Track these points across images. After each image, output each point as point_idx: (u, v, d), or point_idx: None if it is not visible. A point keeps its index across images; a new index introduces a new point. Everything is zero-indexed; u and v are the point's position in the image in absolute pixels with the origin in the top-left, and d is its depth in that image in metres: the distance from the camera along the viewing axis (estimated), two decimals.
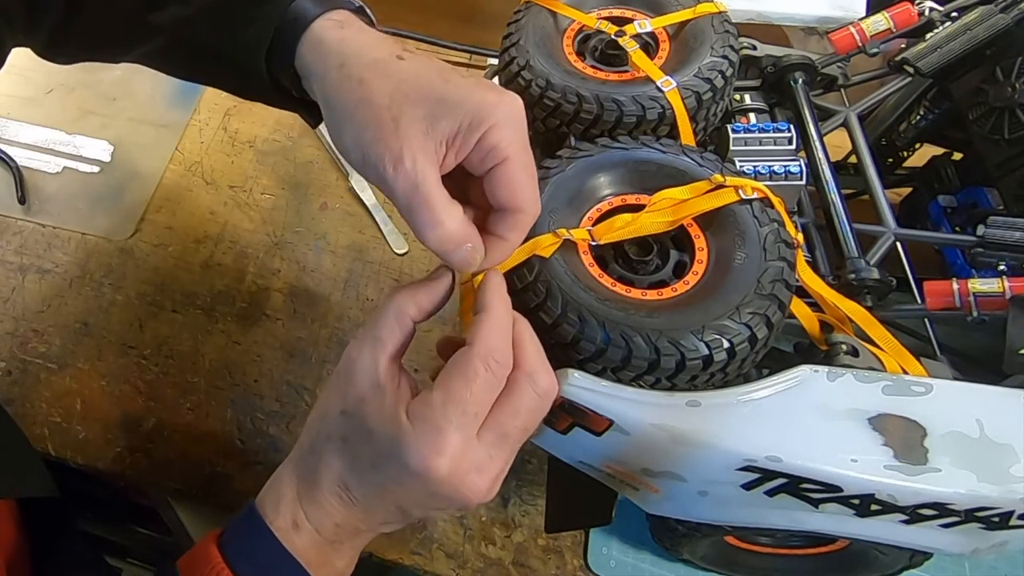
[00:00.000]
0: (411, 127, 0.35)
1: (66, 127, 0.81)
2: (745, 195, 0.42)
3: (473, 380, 0.35)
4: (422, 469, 0.34)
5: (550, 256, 0.41)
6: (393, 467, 0.36)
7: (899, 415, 0.39)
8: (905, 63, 0.55)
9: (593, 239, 0.42)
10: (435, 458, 0.34)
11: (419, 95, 0.36)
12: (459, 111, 0.35)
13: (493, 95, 0.36)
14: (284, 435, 0.63)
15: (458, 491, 0.35)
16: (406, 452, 0.35)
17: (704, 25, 0.52)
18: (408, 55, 0.38)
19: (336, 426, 0.37)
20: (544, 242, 0.41)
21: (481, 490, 0.36)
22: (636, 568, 0.58)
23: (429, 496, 0.36)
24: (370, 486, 0.37)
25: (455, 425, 0.35)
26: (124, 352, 0.67)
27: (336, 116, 0.38)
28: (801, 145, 0.54)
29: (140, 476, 0.61)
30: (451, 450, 0.34)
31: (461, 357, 0.36)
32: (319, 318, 0.69)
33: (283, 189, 0.76)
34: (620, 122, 0.48)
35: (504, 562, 0.58)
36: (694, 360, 0.38)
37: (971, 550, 0.41)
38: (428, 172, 0.35)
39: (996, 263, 0.48)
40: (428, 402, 0.35)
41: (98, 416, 0.63)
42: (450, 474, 0.35)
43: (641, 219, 0.42)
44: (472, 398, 0.35)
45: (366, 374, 0.37)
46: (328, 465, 0.38)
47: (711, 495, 0.42)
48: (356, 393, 0.37)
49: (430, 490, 0.35)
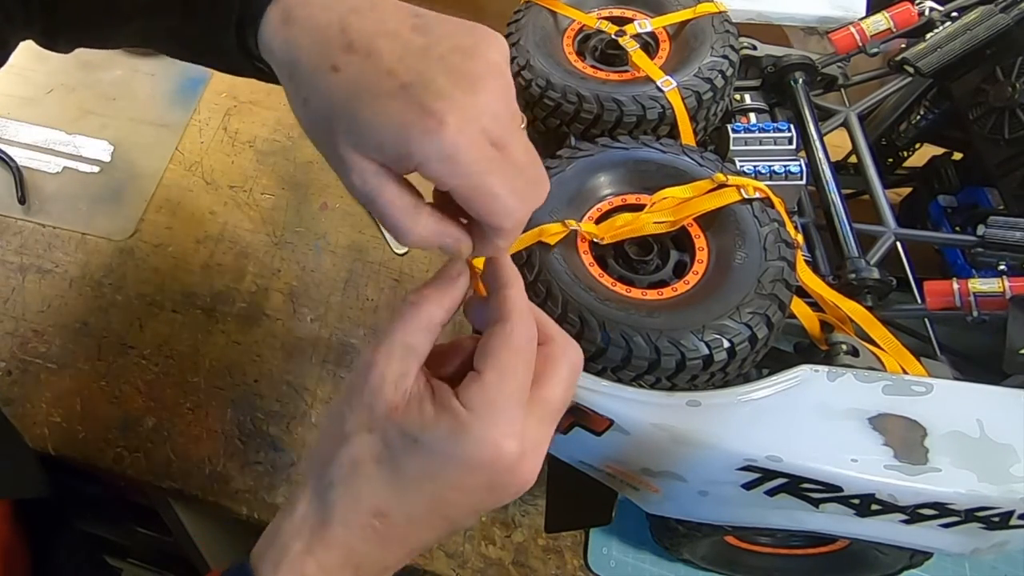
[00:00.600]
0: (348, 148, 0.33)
1: (66, 127, 0.81)
2: (747, 194, 0.42)
3: (521, 349, 0.33)
4: (493, 453, 0.32)
5: (554, 245, 0.41)
6: (455, 467, 0.33)
7: (899, 415, 0.39)
8: (905, 63, 0.55)
9: (597, 236, 0.42)
10: (506, 439, 0.32)
11: (347, 120, 0.33)
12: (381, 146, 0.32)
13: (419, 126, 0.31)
14: (284, 435, 0.63)
15: (520, 476, 0.33)
16: (472, 441, 0.32)
17: (704, 25, 0.52)
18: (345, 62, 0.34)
19: (365, 447, 0.34)
20: (550, 230, 0.41)
21: (536, 470, 0.34)
22: (636, 568, 0.58)
23: (490, 490, 0.34)
24: (418, 504, 0.34)
25: (516, 400, 0.33)
26: (124, 352, 0.67)
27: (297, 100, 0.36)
28: (801, 145, 0.54)
29: (140, 476, 0.61)
30: (518, 428, 0.33)
31: (499, 332, 0.34)
32: (319, 318, 0.69)
33: (283, 189, 0.76)
34: (620, 122, 0.48)
35: (504, 562, 0.58)
36: (694, 360, 0.38)
37: (971, 550, 0.41)
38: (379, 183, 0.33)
39: (996, 263, 0.48)
40: (481, 383, 0.33)
41: (98, 416, 0.63)
42: (518, 456, 0.33)
43: (643, 218, 0.42)
44: (524, 371, 0.34)
45: (396, 386, 0.34)
46: (356, 496, 0.34)
47: (711, 495, 0.42)
48: (385, 405, 0.34)
49: (495, 480, 0.33)
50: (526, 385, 0.34)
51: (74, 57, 0.88)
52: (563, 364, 0.35)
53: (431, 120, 0.31)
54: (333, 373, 0.66)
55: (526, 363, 0.34)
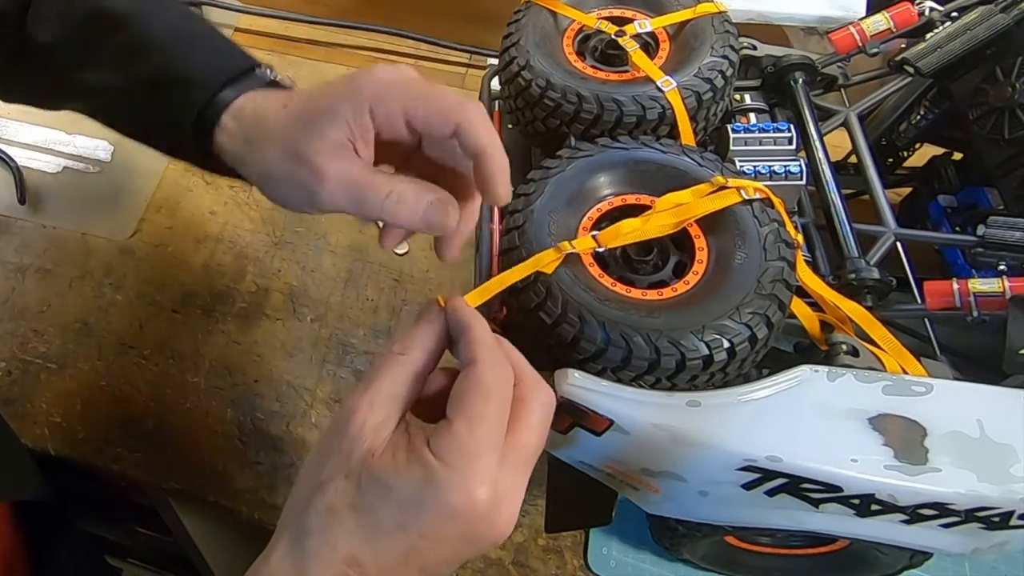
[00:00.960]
0: (311, 149, 0.38)
1: (66, 127, 0.81)
2: (747, 195, 0.42)
3: (490, 395, 0.33)
4: (466, 503, 0.32)
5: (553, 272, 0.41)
6: (427, 516, 0.32)
7: (899, 415, 0.39)
8: (905, 63, 0.55)
9: (600, 245, 0.42)
10: (478, 487, 0.32)
11: (304, 123, 0.39)
12: (335, 109, 0.38)
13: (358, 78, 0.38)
14: (284, 435, 0.63)
15: (495, 525, 0.33)
16: (446, 491, 0.32)
17: (704, 25, 0.52)
18: (293, 99, 0.42)
19: (342, 494, 0.33)
20: (546, 258, 0.41)
21: (512, 518, 0.34)
22: (636, 568, 0.58)
23: (464, 540, 0.33)
24: (392, 553, 0.33)
25: (488, 447, 0.33)
26: (124, 352, 0.67)
27: (262, 183, 0.42)
28: (801, 145, 0.54)
29: (140, 476, 0.61)
30: (490, 476, 0.32)
31: (468, 378, 0.34)
32: (319, 318, 0.69)
33: None
34: (620, 122, 0.48)
35: (504, 562, 0.58)
36: (694, 360, 0.38)
37: (971, 550, 0.41)
38: (353, 166, 0.38)
39: (996, 263, 0.48)
40: (452, 432, 0.33)
41: (98, 416, 0.63)
42: (491, 504, 0.32)
43: (648, 225, 0.42)
44: (495, 416, 0.33)
45: (375, 433, 0.34)
46: (332, 544, 0.33)
47: (711, 495, 0.42)
48: (363, 452, 0.34)
49: (468, 530, 0.33)
50: (499, 430, 0.34)
51: None
52: (536, 407, 0.35)
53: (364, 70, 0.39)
54: (333, 373, 0.66)
55: (498, 406, 0.34)
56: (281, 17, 0.87)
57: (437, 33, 0.85)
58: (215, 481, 0.61)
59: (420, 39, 0.85)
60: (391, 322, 0.47)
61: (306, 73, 0.84)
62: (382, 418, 0.34)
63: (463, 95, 0.83)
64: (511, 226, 0.43)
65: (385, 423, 0.34)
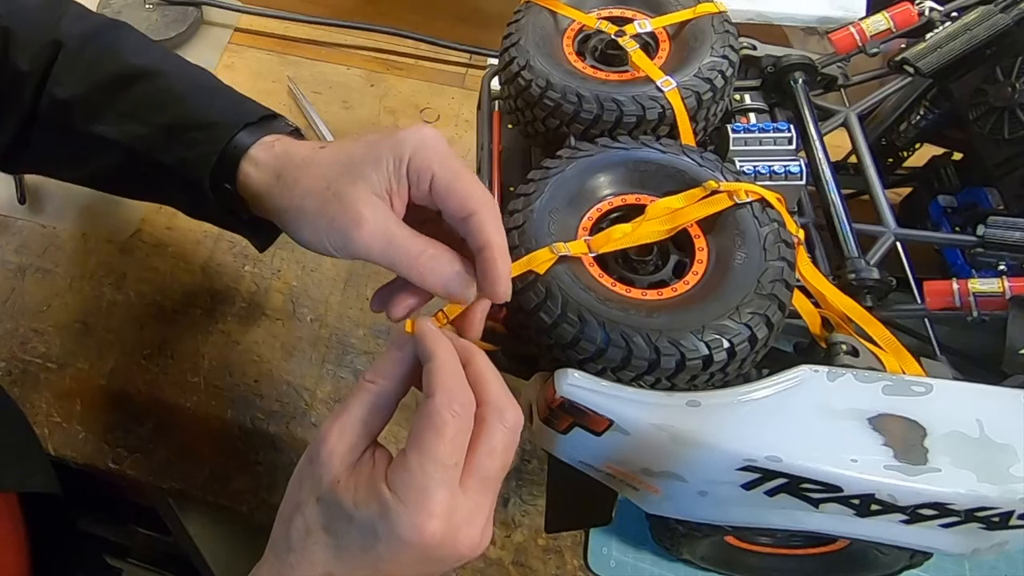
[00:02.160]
0: (353, 193, 0.40)
1: None
2: (739, 199, 0.42)
3: (443, 430, 0.34)
4: (416, 537, 0.34)
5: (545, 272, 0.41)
6: (384, 545, 0.34)
7: (899, 415, 0.39)
8: (905, 63, 0.55)
9: (591, 250, 0.42)
10: (428, 522, 0.34)
11: (346, 166, 0.41)
12: (379, 158, 0.40)
13: (402, 132, 0.40)
14: (284, 435, 0.63)
15: (455, 549, 0.35)
16: (396, 525, 0.34)
17: (704, 25, 0.52)
18: (329, 144, 0.43)
19: (315, 516, 0.36)
20: (540, 258, 0.41)
21: (475, 541, 0.35)
22: (636, 568, 0.58)
23: (426, 562, 0.35)
24: (361, 571, 0.35)
25: (437, 481, 0.34)
26: (124, 352, 0.67)
27: (290, 219, 0.42)
28: (801, 145, 0.54)
29: (140, 476, 0.61)
30: (440, 509, 0.34)
31: (424, 411, 0.35)
32: (319, 318, 0.69)
33: None
34: (620, 122, 0.48)
35: (504, 562, 0.58)
36: (694, 360, 0.38)
37: (971, 550, 0.41)
38: (390, 218, 0.40)
39: (996, 263, 0.48)
40: (405, 466, 0.34)
41: (98, 416, 0.64)
42: (444, 534, 0.34)
43: (639, 231, 0.42)
44: (447, 449, 0.34)
45: (342, 460, 0.36)
46: (311, 561, 0.35)
47: (711, 495, 0.42)
48: (330, 478, 0.36)
49: (427, 555, 0.34)
50: (451, 463, 0.35)
51: None
52: (497, 431, 0.36)
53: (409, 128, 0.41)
54: (333, 373, 0.66)
55: (452, 439, 0.35)
56: (281, 17, 0.87)
57: (437, 33, 0.85)
58: (215, 481, 0.61)
59: (420, 39, 0.85)
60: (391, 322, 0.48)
61: (306, 73, 0.84)
62: (350, 445, 0.36)
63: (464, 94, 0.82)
64: (511, 226, 0.43)
65: (352, 450, 0.36)
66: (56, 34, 0.51)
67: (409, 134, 0.40)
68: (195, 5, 0.87)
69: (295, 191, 0.42)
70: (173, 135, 0.47)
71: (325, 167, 0.41)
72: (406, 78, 0.85)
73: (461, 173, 0.40)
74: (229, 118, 0.46)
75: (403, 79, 0.84)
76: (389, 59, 0.86)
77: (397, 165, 0.40)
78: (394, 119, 0.81)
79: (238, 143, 0.45)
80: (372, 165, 0.40)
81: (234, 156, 0.45)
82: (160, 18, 0.86)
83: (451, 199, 0.40)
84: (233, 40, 0.87)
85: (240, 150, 0.45)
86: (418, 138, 0.40)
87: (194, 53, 0.86)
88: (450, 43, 0.85)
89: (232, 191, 0.46)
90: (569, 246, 0.41)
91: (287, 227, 0.44)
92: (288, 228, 0.43)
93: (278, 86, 0.83)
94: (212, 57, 0.86)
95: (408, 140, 0.40)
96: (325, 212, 0.40)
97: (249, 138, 0.45)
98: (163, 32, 0.85)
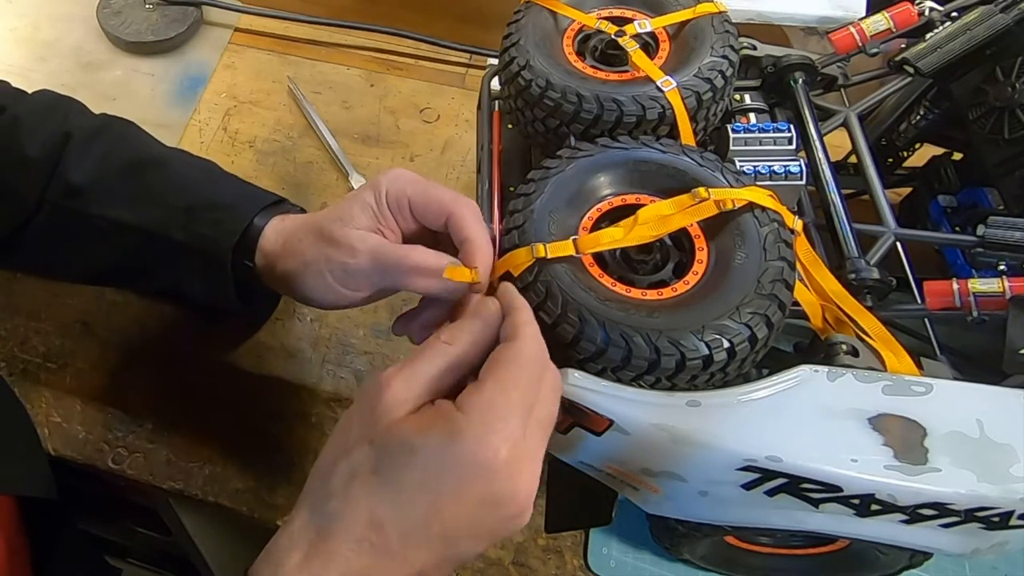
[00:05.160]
0: (343, 230, 0.45)
1: None
2: (725, 208, 0.42)
3: (523, 368, 0.35)
4: (487, 458, 0.33)
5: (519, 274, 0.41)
6: (448, 473, 0.33)
7: (899, 415, 0.39)
8: (905, 63, 0.55)
9: (578, 252, 0.42)
10: (502, 444, 0.33)
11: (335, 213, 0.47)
12: (362, 200, 0.46)
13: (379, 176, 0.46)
14: (284, 435, 0.63)
15: (517, 486, 0.34)
16: (469, 442, 0.33)
17: (704, 25, 0.52)
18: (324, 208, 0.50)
19: (364, 459, 0.35)
20: (518, 258, 0.41)
21: (531, 486, 0.35)
22: (636, 568, 0.58)
23: (484, 503, 0.34)
24: (412, 516, 0.34)
25: (516, 411, 0.34)
26: (124, 352, 0.67)
27: (295, 277, 0.48)
28: (801, 145, 0.54)
29: (140, 476, 0.61)
30: (515, 436, 0.33)
31: (509, 349, 0.36)
32: (319, 318, 0.69)
33: (283, 189, 0.76)
34: (620, 122, 0.48)
35: (504, 562, 0.58)
36: (694, 360, 0.38)
37: (971, 550, 0.41)
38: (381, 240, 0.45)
39: (996, 263, 0.48)
40: (481, 391, 0.34)
41: (98, 416, 0.63)
42: (513, 462, 0.33)
43: (629, 236, 0.42)
44: (525, 385, 0.35)
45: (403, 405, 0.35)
46: (355, 507, 0.34)
47: (711, 495, 0.42)
48: (389, 419, 0.35)
49: (490, 490, 0.34)
50: (528, 399, 0.35)
51: (74, 57, 0.89)
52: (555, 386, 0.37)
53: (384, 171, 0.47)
54: (333, 373, 0.66)
55: (530, 378, 0.35)
56: (281, 17, 0.87)
57: (437, 33, 0.85)
58: (215, 481, 0.61)
59: (420, 39, 0.85)
60: (391, 322, 0.48)
61: (306, 73, 0.84)
62: (416, 395, 0.36)
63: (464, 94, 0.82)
64: (511, 226, 0.43)
65: (417, 400, 0.36)
66: (66, 126, 0.55)
67: (383, 175, 0.46)
68: (195, 5, 0.87)
69: (297, 251, 0.48)
70: (193, 216, 0.52)
71: (319, 221, 0.47)
72: (406, 78, 0.85)
73: (431, 186, 0.45)
74: (245, 201, 0.52)
75: (403, 79, 0.84)
76: (389, 59, 0.86)
77: (377, 200, 0.45)
78: (394, 119, 0.81)
79: (256, 223, 0.51)
80: (357, 206, 0.45)
81: (253, 234, 0.51)
82: (160, 18, 0.86)
83: (428, 211, 0.44)
84: (233, 40, 0.87)
85: (257, 229, 0.51)
86: (391, 175, 0.46)
87: (194, 53, 0.86)
88: (450, 43, 0.85)
89: (251, 266, 0.51)
90: (548, 247, 0.41)
91: (294, 286, 0.49)
92: (295, 287, 0.49)
93: (278, 86, 0.83)
94: (212, 57, 0.86)
95: (383, 179, 0.46)
96: (323, 254, 0.46)
97: (263, 219, 0.51)
98: (163, 32, 0.85)
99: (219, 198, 0.52)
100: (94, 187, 0.52)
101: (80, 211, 0.53)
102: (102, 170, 0.53)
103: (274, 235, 0.51)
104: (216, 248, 0.51)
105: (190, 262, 0.53)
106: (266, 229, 0.51)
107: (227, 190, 0.54)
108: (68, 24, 0.88)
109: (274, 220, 0.51)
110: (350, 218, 0.45)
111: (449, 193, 0.44)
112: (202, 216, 0.52)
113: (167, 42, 0.85)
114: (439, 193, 0.44)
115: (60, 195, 0.53)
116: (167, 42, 0.85)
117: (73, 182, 0.52)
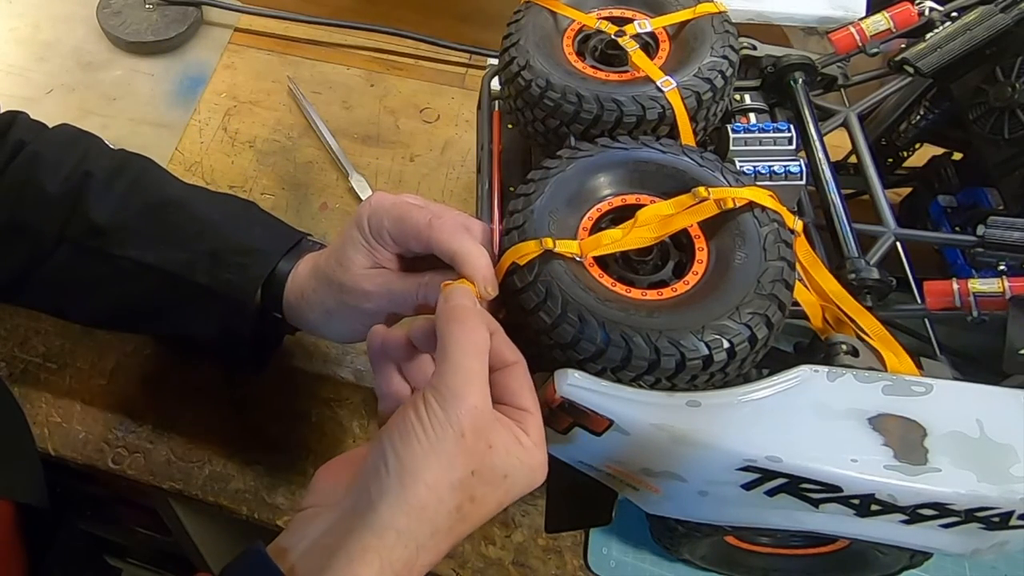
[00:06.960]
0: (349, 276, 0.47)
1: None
2: (725, 207, 0.42)
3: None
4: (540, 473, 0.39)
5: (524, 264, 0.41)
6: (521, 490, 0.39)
7: (899, 415, 0.39)
8: (905, 63, 0.55)
9: (581, 253, 0.42)
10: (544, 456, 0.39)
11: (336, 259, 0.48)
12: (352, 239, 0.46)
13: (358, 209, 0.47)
14: (284, 435, 0.63)
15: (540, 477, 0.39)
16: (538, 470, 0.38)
17: (704, 25, 0.52)
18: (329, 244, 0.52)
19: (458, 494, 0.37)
20: (524, 249, 0.41)
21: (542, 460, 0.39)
22: (636, 568, 0.58)
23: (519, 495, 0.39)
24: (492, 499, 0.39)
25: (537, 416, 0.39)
26: (124, 352, 0.67)
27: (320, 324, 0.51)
28: (801, 145, 0.54)
29: (140, 476, 0.61)
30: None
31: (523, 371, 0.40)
32: None
33: (283, 189, 0.76)
34: (620, 122, 0.48)
35: (504, 562, 0.58)
36: (694, 360, 0.38)
37: (971, 550, 0.41)
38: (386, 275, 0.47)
39: (996, 263, 0.48)
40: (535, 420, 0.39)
41: (98, 416, 0.63)
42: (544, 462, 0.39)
43: (628, 238, 0.42)
44: None
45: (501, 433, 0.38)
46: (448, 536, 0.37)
47: (711, 495, 0.42)
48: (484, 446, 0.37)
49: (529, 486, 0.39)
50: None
51: (74, 57, 0.89)
52: None
53: None
54: (333, 373, 0.66)
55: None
56: (281, 17, 0.87)
57: (437, 33, 0.85)
58: (215, 481, 0.61)
59: (420, 39, 0.85)
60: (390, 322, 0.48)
61: (306, 73, 0.85)
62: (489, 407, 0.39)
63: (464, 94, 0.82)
64: (511, 226, 0.43)
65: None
66: (86, 165, 0.54)
67: (361, 207, 0.46)
68: (195, 5, 0.87)
69: (316, 302, 0.50)
70: (218, 259, 0.52)
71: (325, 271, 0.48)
72: (406, 78, 0.85)
73: (406, 212, 0.45)
74: (269, 244, 0.53)
75: (403, 79, 0.84)
76: (389, 59, 0.86)
77: (364, 235, 0.46)
78: (394, 119, 0.81)
79: (280, 269, 0.52)
80: (350, 247, 0.46)
81: (279, 280, 0.52)
82: (160, 18, 0.86)
83: (407, 241, 0.45)
84: (233, 40, 0.87)
85: (283, 275, 0.52)
86: (370, 204, 0.46)
87: (194, 53, 0.86)
88: (450, 43, 0.85)
89: (274, 313, 0.52)
90: (558, 242, 0.41)
91: (325, 333, 0.52)
92: (326, 333, 0.52)
93: (278, 86, 0.83)
94: (212, 57, 0.86)
95: (362, 212, 0.46)
96: (340, 302, 0.48)
97: (287, 264, 0.52)
98: (163, 32, 0.85)
99: (243, 242, 0.53)
100: (117, 227, 0.52)
101: (103, 251, 0.52)
102: (125, 210, 0.53)
103: (295, 288, 0.51)
104: (241, 294, 0.51)
105: (211, 306, 0.52)
106: (288, 283, 0.51)
107: (252, 232, 0.54)
108: (68, 24, 0.88)
109: (293, 272, 0.52)
110: (349, 262, 0.46)
111: (424, 216, 0.44)
112: (227, 261, 0.52)
113: (167, 42, 0.85)
114: (415, 220, 0.44)
115: (82, 234, 0.53)
116: (167, 42, 0.85)
117: (96, 222, 0.52)
